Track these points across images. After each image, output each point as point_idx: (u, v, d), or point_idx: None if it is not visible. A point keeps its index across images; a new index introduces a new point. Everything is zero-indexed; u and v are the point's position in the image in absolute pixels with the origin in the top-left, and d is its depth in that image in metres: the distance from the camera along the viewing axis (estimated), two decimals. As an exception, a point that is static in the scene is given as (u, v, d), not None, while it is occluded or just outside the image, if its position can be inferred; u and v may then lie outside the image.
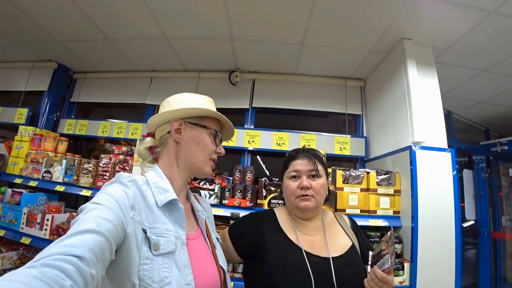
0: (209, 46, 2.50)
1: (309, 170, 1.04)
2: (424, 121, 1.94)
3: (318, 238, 1.02)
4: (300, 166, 1.05)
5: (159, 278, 0.62)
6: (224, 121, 0.90)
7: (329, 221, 1.10)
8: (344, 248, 1.00)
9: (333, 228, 1.08)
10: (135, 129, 2.94)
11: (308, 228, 1.05)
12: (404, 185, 1.91)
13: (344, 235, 1.06)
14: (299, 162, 1.06)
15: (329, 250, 0.97)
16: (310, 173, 1.04)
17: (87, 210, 0.58)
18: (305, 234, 1.03)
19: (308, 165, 1.05)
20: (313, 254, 0.96)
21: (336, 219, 1.12)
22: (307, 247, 0.98)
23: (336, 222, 1.11)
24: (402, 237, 1.85)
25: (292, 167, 1.07)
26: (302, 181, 1.02)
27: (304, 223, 1.07)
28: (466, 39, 2.05)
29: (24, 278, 0.39)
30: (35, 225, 2.03)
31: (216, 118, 0.89)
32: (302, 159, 1.07)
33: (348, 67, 2.67)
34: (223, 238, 1.07)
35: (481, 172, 3.32)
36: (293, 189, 1.03)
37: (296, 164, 1.06)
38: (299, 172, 1.05)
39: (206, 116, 0.86)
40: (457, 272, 1.72)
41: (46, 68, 3.09)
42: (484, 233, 3.15)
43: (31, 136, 2.56)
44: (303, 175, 1.04)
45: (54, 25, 2.38)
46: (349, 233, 1.06)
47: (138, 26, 2.27)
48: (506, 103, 3.09)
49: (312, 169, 1.04)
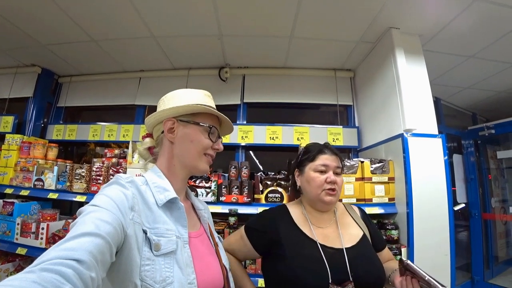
0: (198, 43, 2.47)
1: (336, 167, 1.08)
2: (414, 109, 1.98)
3: (331, 230, 1.05)
4: (329, 161, 1.07)
5: (161, 279, 0.62)
6: (219, 116, 0.86)
7: (341, 213, 1.13)
8: (356, 238, 1.03)
9: (344, 219, 1.11)
10: (126, 131, 2.90)
11: (321, 221, 1.08)
12: (398, 172, 1.94)
13: (355, 225, 1.09)
14: (327, 157, 1.08)
15: (342, 241, 1.00)
16: (336, 170, 1.07)
17: (86, 213, 0.58)
18: (319, 227, 1.06)
19: (336, 161, 1.08)
20: (327, 246, 0.99)
21: (346, 211, 1.16)
22: (321, 240, 1.00)
23: (347, 214, 1.14)
24: (398, 223, 1.90)
25: (321, 160, 1.08)
26: (330, 175, 1.05)
27: (317, 217, 1.09)
28: (452, 27, 2.09)
29: (22, 283, 0.38)
30: (30, 234, 1.99)
31: (212, 113, 0.85)
32: (330, 155, 1.09)
33: (337, 58, 2.68)
34: (240, 236, 1.10)
35: (470, 156, 3.41)
36: (321, 182, 1.05)
37: (325, 159, 1.08)
38: (327, 167, 1.07)
39: (200, 112, 0.83)
40: (451, 253, 1.78)
41: (29, 73, 3.00)
42: (475, 215, 3.24)
43: (19, 144, 2.49)
44: (330, 170, 1.06)
45: (35, 28, 2.30)
46: (359, 224, 1.10)
47: (124, 25, 2.21)
48: (491, 88, 3.17)
49: (339, 166, 1.09)
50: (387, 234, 1.85)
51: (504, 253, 3.46)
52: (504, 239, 3.47)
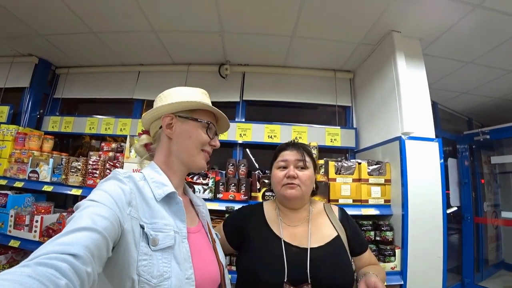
0: (199, 39, 2.45)
1: (297, 160, 1.07)
2: (413, 112, 1.99)
3: (301, 229, 1.05)
4: (288, 156, 1.08)
5: (158, 273, 0.62)
6: (217, 113, 0.88)
7: (316, 213, 1.12)
8: (326, 239, 1.01)
9: (319, 219, 1.09)
10: (124, 125, 2.88)
11: (293, 219, 1.08)
12: (394, 175, 1.96)
13: (329, 226, 1.06)
14: (287, 153, 1.09)
15: (309, 241, 0.99)
16: (297, 164, 1.07)
17: (83, 208, 0.58)
18: (288, 226, 1.06)
19: (296, 155, 1.08)
20: (292, 244, 0.98)
21: (324, 211, 1.13)
22: (288, 238, 1.00)
23: (323, 214, 1.12)
24: (393, 224, 1.92)
25: (281, 157, 1.10)
26: (289, 170, 1.05)
27: (289, 215, 1.09)
28: (452, 32, 2.10)
29: (18, 277, 0.38)
30: (24, 227, 1.96)
31: (209, 111, 0.87)
32: (291, 150, 1.10)
33: (338, 59, 2.68)
34: (219, 230, 1.12)
35: (464, 160, 3.46)
36: (279, 178, 1.06)
37: (285, 155, 1.09)
38: (287, 162, 1.07)
39: (198, 109, 0.84)
40: (444, 256, 1.80)
41: (26, 63, 2.95)
42: (468, 218, 3.29)
43: (14, 135, 2.45)
44: (290, 165, 1.06)
45: (34, 17, 2.25)
46: (336, 225, 1.07)
47: (125, 18, 2.19)
48: (488, 94, 3.21)
49: (300, 159, 1.07)
50: (382, 235, 1.87)
51: (494, 256, 3.52)
52: (495, 243, 3.54)
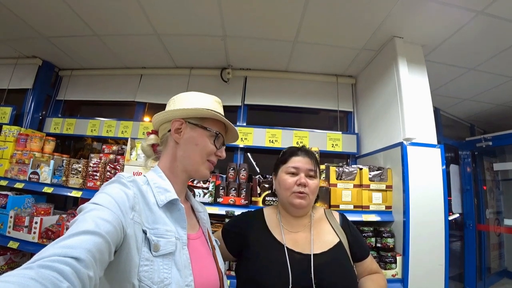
0: (201, 43, 2.46)
1: (309, 169, 1.04)
2: (414, 118, 1.98)
3: (303, 235, 1.03)
4: (300, 163, 1.05)
5: (158, 279, 0.62)
6: (227, 124, 0.87)
7: (317, 219, 1.10)
8: (329, 245, 1.00)
9: (320, 225, 1.07)
10: (125, 128, 2.88)
11: (294, 225, 1.06)
12: (396, 181, 1.95)
13: (331, 232, 1.05)
14: (300, 159, 1.06)
15: (312, 247, 0.98)
16: (308, 172, 1.04)
17: (86, 211, 0.57)
18: (290, 232, 1.04)
19: (308, 164, 1.05)
20: (295, 251, 0.97)
21: (325, 216, 1.12)
22: (290, 245, 0.99)
23: (325, 220, 1.10)
24: (394, 231, 1.90)
25: (292, 162, 1.06)
26: (300, 178, 1.02)
27: (291, 221, 1.07)
28: (455, 39, 2.10)
29: (20, 279, 0.38)
30: (23, 228, 1.95)
31: (220, 120, 0.86)
32: (303, 156, 1.07)
33: (340, 64, 2.69)
34: (218, 237, 1.09)
35: (466, 167, 3.44)
36: (290, 184, 1.03)
37: (297, 161, 1.06)
38: (298, 169, 1.04)
39: (209, 117, 0.84)
40: (446, 263, 1.78)
41: (30, 65, 2.97)
42: (470, 225, 3.27)
43: (15, 136, 2.46)
44: (301, 173, 1.04)
45: (38, 20, 2.28)
46: (337, 231, 1.05)
47: (128, 21, 2.20)
48: (490, 101, 3.20)
49: (312, 168, 1.05)
50: (383, 242, 1.85)
51: (496, 264, 3.48)
52: (497, 250, 3.50)
